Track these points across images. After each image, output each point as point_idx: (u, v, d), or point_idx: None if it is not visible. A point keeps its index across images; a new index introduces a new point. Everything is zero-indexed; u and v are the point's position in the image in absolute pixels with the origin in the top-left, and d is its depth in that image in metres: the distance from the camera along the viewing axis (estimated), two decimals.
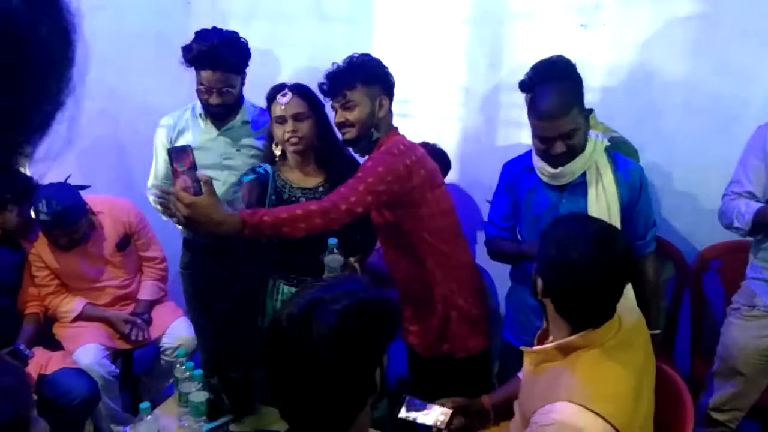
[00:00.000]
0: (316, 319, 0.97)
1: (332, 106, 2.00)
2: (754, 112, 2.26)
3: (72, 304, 2.59)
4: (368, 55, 1.99)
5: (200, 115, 2.45)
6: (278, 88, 2.05)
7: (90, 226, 2.57)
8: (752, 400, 2.23)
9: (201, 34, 2.30)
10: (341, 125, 1.97)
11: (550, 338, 1.47)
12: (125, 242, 2.69)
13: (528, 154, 2.08)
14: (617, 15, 2.55)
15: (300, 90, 2.03)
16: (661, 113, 2.54)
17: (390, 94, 2.01)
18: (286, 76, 3.10)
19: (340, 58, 2.04)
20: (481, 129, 2.80)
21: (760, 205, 2.06)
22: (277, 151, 2.07)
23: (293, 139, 2.00)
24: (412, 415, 1.70)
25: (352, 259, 2.09)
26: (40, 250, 2.55)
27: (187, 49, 2.28)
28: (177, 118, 2.49)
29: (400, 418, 1.71)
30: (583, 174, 1.96)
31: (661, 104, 2.54)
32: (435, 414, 1.71)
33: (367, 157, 2.01)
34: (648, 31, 2.52)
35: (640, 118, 2.54)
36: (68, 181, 2.52)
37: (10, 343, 2.33)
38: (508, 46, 2.79)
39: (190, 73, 2.34)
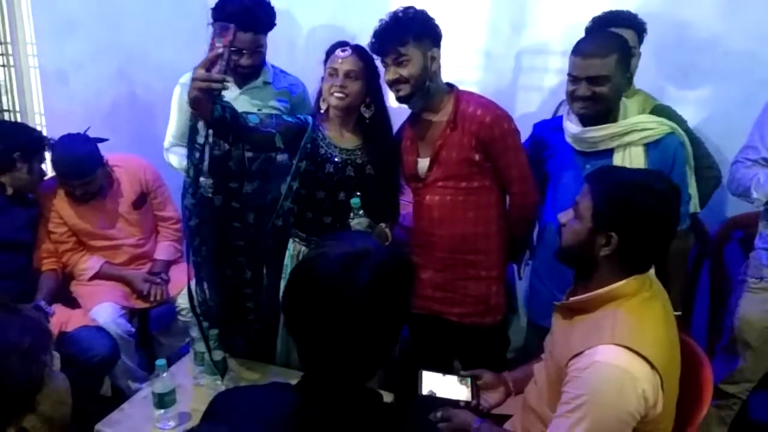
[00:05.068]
0: (352, 275, 0.97)
1: (384, 64, 1.97)
2: None
3: (90, 262, 2.61)
4: (413, 8, 1.95)
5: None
6: (341, 44, 2.03)
7: (107, 181, 2.58)
8: (762, 371, 2.21)
9: None
10: (395, 82, 1.95)
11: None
12: (141, 200, 2.70)
13: (561, 117, 2.05)
14: None
15: (361, 51, 2.00)
16: (689, 77, 2.47)
17: (439, 46, 1.99)
18: (304, 36, 3.07)
19: (359, 18, 2.01)
20: (501, 94, 2.74)
21: None
22: (324, 106, 2.05)
23: (338, 94, 1.97)
24: (435, 390, 1.66)
25: (383, 225, 2.09)
26: (59, 206, 2.56)
27: (218, 10, 2.23)
28: None
29: (423, 395, 1.65)
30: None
31: (690, 68, 2.46)
32: (456, 386, 1.68)
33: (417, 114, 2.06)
34: None
35: (668, 82, 2.47)
36: (87, 134, 2.52)
37: (29, 300, 2.35)
38: (531, 8, 2.72)
39: (206, 33, 2.30)
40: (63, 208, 2.56)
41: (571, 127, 1.93)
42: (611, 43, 1.84)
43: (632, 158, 1.86)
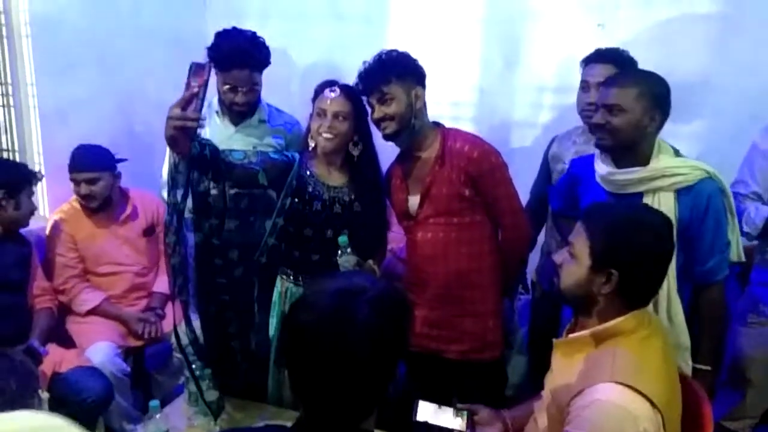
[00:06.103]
0: (351, 311, 0.97)
1: (369, 104, 2.02)
2: None
3: (91, 294, 2.63)
4: (396, 50, 2.02)
5: (217, 112, 2.47)
6: (329, 83, 2.06)
7: (122, 202, 2.72)
8: (764, 406, 2.20)
9: (224, 35, 2.31)
10: (381, 120, 2.00)
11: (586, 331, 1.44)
12: (151, 230, 2.79)
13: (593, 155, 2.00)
14: (635, 14, 2.52)
15: (348, 91, 2.02)
16: (680, 114, 2.48)
17: (423, 85, 2.04)
18: (299, 75, 3.12)
19: (355, 57, 2.06)
20: (495, 130, 2.77)
21: None
22: (312, 144, 2.06)
23: (326, 135, 1.98)
24: (429, 419, 1.66)
25: (371, 262, 2.08)
26: (74, 229, 2.63)
27: (214, 50, 2.27)
28: None
29: (417, 422, 1.66)
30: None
31: (681, 105, 2.49)
32: (451, 420, 1.67)
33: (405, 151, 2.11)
34: (667, 31, 2.48)
35: None
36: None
37: (24, 339, 2.32)
38: (524, 46, 2.77)
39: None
40: (78, 231, 2.63)
41: (601, 168, 1.88)
42: (636, 77, 1.83)
43: (661, 204, 1.75)
